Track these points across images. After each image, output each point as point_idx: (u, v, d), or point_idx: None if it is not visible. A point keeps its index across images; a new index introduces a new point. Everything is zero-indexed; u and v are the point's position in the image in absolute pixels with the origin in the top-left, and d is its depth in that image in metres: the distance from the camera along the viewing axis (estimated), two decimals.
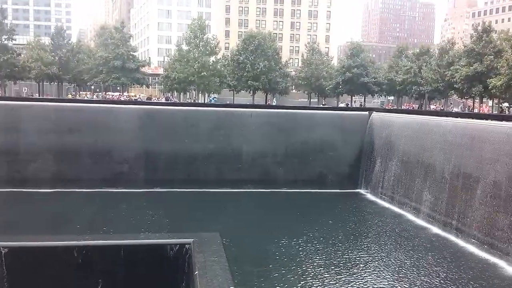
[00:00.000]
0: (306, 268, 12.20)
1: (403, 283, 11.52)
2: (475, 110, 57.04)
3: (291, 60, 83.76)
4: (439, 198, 16.97)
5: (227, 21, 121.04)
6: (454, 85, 58.34)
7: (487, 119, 17.88)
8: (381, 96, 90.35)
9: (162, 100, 64.90)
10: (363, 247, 14.70)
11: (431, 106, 69.55)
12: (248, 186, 22.34)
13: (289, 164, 23.15)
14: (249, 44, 70.23)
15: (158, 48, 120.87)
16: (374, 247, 14.68)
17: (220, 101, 71.69)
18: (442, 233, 16.13)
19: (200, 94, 72.66)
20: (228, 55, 75.40)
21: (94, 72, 71.14)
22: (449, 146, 17.02)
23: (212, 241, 8.15)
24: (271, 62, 69.95)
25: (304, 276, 11.64)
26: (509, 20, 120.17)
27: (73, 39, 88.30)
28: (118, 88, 76.61)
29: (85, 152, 21.62)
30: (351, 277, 11.85)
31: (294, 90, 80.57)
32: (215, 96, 78.38)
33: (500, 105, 54.28)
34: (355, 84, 73.29)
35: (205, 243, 7.94)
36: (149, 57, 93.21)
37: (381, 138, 22.15)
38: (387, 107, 67.28)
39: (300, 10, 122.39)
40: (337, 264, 12.69)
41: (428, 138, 18.54)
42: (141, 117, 22.62)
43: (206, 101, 74.07)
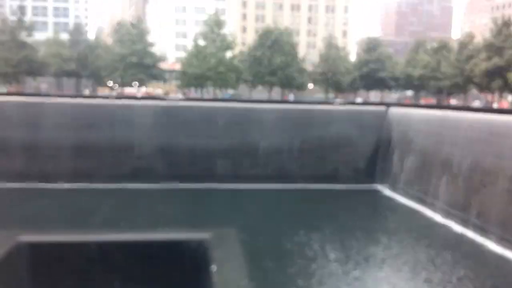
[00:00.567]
0: (322, 263, 12.21)
1: (420, 279, 11.46)
2: (495, 105, 56.25)
3: (308, 55, 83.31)
4: (457, 194, 16.81)
5: (244, 16, 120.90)
6: (473, 80, 57.61)
7: (507, 114, 17.64)
8: (398, 91, 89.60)
9: (179, 96, 65.15)
10: (380, 242, 14.63)
11: (452, 101, 68.75)
12: (264, 181, 22.37)
13: (305, 160, 23.12)
14: (266, 39, 70.17)
15: (175, 44, 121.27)
16: (391, 243, 14.62)
17: (235, 97, 71.71)
18: (460, 229, 15.98)
19: (217, 90, 72.80)
20: (245, 51, 75.37)
21: (111, 68, 71.76)
22: (468, 140, 16.83)
23: (229, 236, 8.19)
24: (288, 58, 69.82)
25: (320, 271, 11.66)
26: None
27: (91, 36, 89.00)
28: (136, 84, 77.11)
29: (103, 147, 21.85)
30: (367, 272, 11.84)
31: (311, 86, 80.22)
32: (231, 92, 78.46)
33: None
34: (372, 79, 72.91)
35: (222, 238, 7.99)
36: (166, 53, 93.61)
37: (399, 133, 22.00)
38: (405, 102, 66.72)
39: (317, 5, 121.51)
40: (353, 260, 12.67)
41: (446, 133, 18.36)
42: (159, 113, 22.76)
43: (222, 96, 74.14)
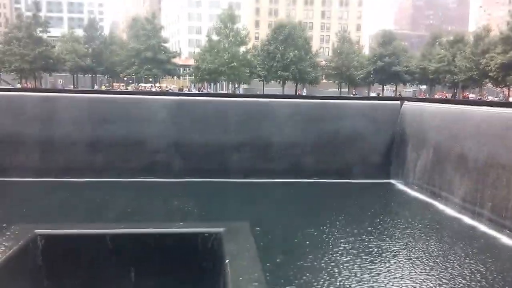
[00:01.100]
0: (335, 257, 12.18)
1: (434, 273, 11.38)
2: (511, 99, 55.60)
3: (321, 50, 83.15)
4: (473, 188, 16.65)
5: (257, 11, 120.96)
6: (489, 74, 57.01)
7: None
8: (413, 85, 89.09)
9: (194, 91, 65.38)
10: (394, 237, 14.56)
11: (469, 95, 68.11)
12: (277, 176, 22.36)
13: (319, 154, 23.04)
14: (279, 33, 70.26)
15: (188, 39, 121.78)
16: (405, 238, 14.53)
17: (247, 92, 71.58)
18: (475, 224, 15.83)
19: (230, 85, 72.95)
20: (258, 45, 75.51)
21: (126, 63, 72.49)
22: (484, 135, 16.65)
23: (242, 230, 8.21)
24: (301, 52, 69.87)
25: (333, 265, 11.63)
26: None
27: (106, 31, 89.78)
28: (150, 79, 77.63)
29: (118, 142, 22.00)
30: (380, 266, 11.78)
31: (324, 80, 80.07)
32: (245, 86, 78.41)
33: None
34: (387, 73, 72.65)
35: (235, 232, 8.01)
36: (180, 48, 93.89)
37: (413, 128, 21.82)
38: (420, 97, 66.16)
39: None
40: (367, 254, 12.62)
41: (461, 127, 18.17)
42: (172, 108, 22.83)
43: (237, 91, 74.09)
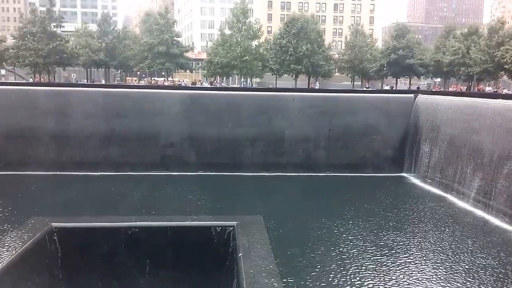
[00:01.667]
0: (348, 251, 12.23)
1: (446, 267, 11.38)
2: None
3: (334, 43, 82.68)
4: (487, 182, 16.56)
5: (269, 4, 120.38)
6: (505, 66, 56.30)
7: None
8: (427, 78, 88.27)
9: (206, 85, 65.51)
10: (407, 231, 14.56)
11: (485, 88, 67.34)
12: (290, 170, 22.42)
13: (332, 148, 23.05)
14: (292, 27, 69.84)
15: (201, 33, 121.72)
16: (418, 231, 14.53)
17: (257, 86, 71.58)
18: (489, 218, 15.78)
19: (242, 79, 72.92)
20: (271, 39, 75.25)
21: (139, 58, 72.61)
22: (498, 128, 16.52)
23: (255, 223, 8.26)
24: (313, 45, 69.40)
25: (346, 258, 11.69)
26: None
27: (119, 26, 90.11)
28: (163, 73, 77.86)
29: (131, 136, 22.19)
30: (393, 259, 11.81)
31: (337, 73, 79.68)
32: (257, 80, 78.34)
33: None
34: (400, 66, 71.91)
35: (248, 225, 8.07)
36: (192, 42, 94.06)
37: (427, 121, 21.71)
38: (434, 89, 65.67)
39: None
40: (380, 247, 12.65)
41: (475, 120, 18.07)
42: (185, 102, 22.95)
43: (248, 85, 74.15)
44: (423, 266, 11.46)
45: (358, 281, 10.36)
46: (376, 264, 11.42)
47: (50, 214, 11.88)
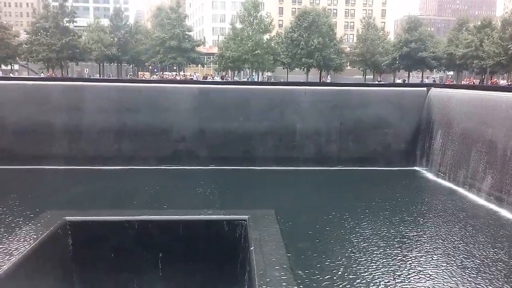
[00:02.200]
0: (359, 245, 12.20)
1: (458, 261, 11.32)
2: None
3: (345, 36, 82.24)
4: (501, 176, 16.41)
5: None
6: None
7: None
8: (439, 71, 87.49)
9: (217, 79, 65.52)
10: (419, 225, 14.48)
11: (498, 81, 66.57)
12: (301, 163, 22.40)
13: (343, 142, 22.98)
14: (303, 20, 69.56)
15: (212, 27, 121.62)
16: (431, 225, 14.44)
17: (263, 79, 71.38)
18: (502, 212, 15.64)
19: (254, 73, 72.81)
20: (282, 33, 75.00)
21: (151, 52, 72.83)
22: None
23: (267, 217, 8.31)
24: (325, 39, 69.09)
25: (357, 252, 11.66)
26: None
27: (131, 20, 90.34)
28: (175, 67, 78.01)
29: (143, 130, 22.30)
30: (405, 253, 11.76)
31: (348, 67, 79.25)
32: (269, 73, 78.15)
33: None
34: (413, 59, 71.35)
35: (260, 219, 8.11)
36: (204, 36, 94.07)
37: (440, 115, 21.54)
38: (446, 83, 65.09)
39: None
40: (392, 241, 12.61)
41: (489, 114, 17.88)
42: (197, 96, 22.99)
43: (260, 79, 74.07)
44: (435, 260, 11.41)
45: (370, 275, 10.34)
46: (388, 258, 11.38)
47: (63, 208, 12.01)
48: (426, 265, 11.08)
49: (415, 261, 11.29)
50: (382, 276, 10.32)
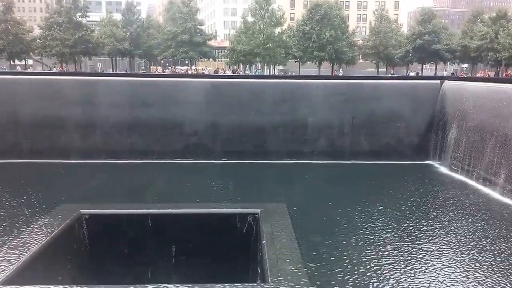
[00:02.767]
0: (372, 239, 12.21)
1: (471, 255, 11.27)
2: None
3: (358, 29, 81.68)
4: None
5: None
6: None
7: None
8: (453, 63, 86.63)
9: (228, 73, 65.52)
10: (432, 219, 14.43)
11: None
12: (314, 157, 22.40)
13: (355, 135, 22.91)
14: (315, 13, 69.20)
15: (224, 21, 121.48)
16: (444, 219, 14.37)
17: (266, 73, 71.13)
18: None
19: (265, 66, 72.69)
20: (294, 26, 74.69)
21: (163, 46, 73.02)
22: None
23: (279, 211, 8.31)
24: (337, 32, 68.71)
25: (369, 246, 11.68)
26: None
27: (143, 15, 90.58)
28: (186, 62, 78.13)
29: (156, 125, 22.43)
30: (417, 247, 11.75)
31: (361, 60, 78.77)
32: (281, 67, 77.97)
33: None
34: (426, 52, 70.71)
35: (272, 213, 8.12)
36: (215, 30, 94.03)
37: (454, 108, 21.37)
38: (460, 75, 64.46)
39: None
40: (405, 235, 12.60)
41: (504, 107, 17.70)
42: (209, 90, 23.05)
43: (271, 73, 73.95)
44: (447, 254, 11.38)
45: (381, 269, 10.35)
46: (400, 252, 11.37)
47: (78, 201, 12.16)
48: (439, 259, 11.05)
49: (427, 255, 11.26)
50: (394, 270, 10.33)
